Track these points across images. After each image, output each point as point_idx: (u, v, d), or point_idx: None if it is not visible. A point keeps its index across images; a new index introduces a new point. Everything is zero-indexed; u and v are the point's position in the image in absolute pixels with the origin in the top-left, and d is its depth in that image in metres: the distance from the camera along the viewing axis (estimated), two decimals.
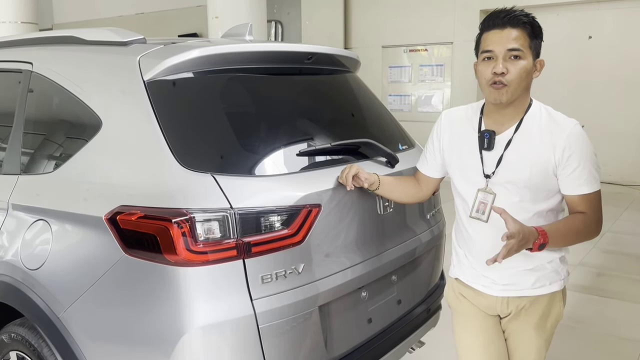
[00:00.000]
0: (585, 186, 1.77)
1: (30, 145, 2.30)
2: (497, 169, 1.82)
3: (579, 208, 1.80)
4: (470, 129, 1.91)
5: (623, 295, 4.29)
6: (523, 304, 1.89)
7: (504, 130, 1.83)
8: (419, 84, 9.83)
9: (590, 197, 1.79)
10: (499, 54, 1.74)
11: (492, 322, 1.96)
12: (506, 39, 1.73)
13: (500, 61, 1.73)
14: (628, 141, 8.14)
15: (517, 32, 1.73)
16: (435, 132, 2.03)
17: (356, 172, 2.02)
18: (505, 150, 1.81)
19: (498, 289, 1.89)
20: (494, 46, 1.75)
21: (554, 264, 1.88)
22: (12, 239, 2.13)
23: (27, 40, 2.58)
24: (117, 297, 1.82)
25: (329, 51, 2.46)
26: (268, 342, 1.80)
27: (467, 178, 1.90)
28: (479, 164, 1.86)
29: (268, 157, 2.02)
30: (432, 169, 2.09)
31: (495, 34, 1.76)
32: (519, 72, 1.73)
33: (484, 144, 1.85)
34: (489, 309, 1.95)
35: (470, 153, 1.89)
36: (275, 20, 11.44)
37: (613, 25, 8.17)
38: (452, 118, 2.00)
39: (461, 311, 2.03)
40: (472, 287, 1.96)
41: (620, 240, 5.65)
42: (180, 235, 1.69)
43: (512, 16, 1.74)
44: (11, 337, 2.12)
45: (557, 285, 1.90)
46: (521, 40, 1.73)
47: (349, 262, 2.08)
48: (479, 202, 1.85)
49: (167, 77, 1.94)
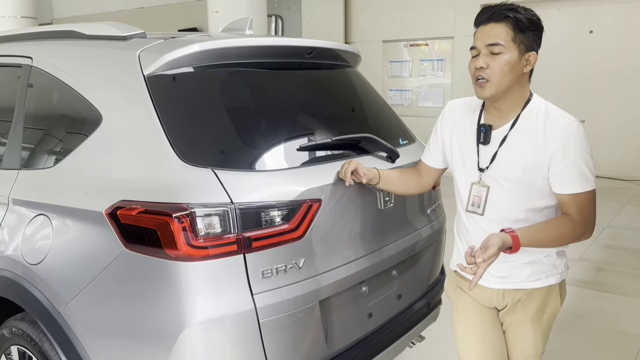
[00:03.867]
0: (575, 185, 1.73)
1: (30, 140, 2.30)
2: (490, 165, 1.82)
3: (568, 208, 1.76)
4: (470, 121, 1.91)
5: (623, 290, 4.30)
6: (519, 296, 1.89)
7: (501, 125, 1.83)
8: (420, 78, 9.82)
9: (580, 198, 1.74)
10: (480, 49, 1.76)
11: (490, 315, 1.97)
12: (487, 35, 1.74)
13: (481, 56, 1.75)
14: (628, 135, 8.13)
15: (500, 26, 1.73)
16: (439, 122, 2.03)
17: (355, 167, 2.02)
18: (500, 147, 1.81)
19: (494, 281, 1.89)
20: (476, 42, 1.78)
21: (551, 257, 1.87)
22: (13, 234, 2.13)
23: (26, 35, 2.57)
24: (117, 291, 1.82)
25: (330, 46, 2.46)
26: (268, 336, 1.80)
27: (464, 171, 1.91)
28: (475, 157, 1.86)
29: (268, 151, 2.01)
30: (434, 160, 2.08)
31: (481, 30, 1.77)
32: (500, 66, 1.72)
33: (480, 137, 1.85)
34: (486, 300, 1.95)
35: (468, 145, 1.89)
36: (275, 15, 11.41)
37: (614, 20, 8.14)
38: (455, 109, 2.00)
39: (459, 303, 2.04)
40: (470, 279, 1.95)
41: (620, 235, 5.65)
42: (180, 230, 1.69)
43: (495, 11, 1.74)
44: (12, 332, 2.12)
45: (553, 279, 1.89)
46: (502, 35, 1.72)
47: (350, 256, 2.08)
48: (474, 196, 1.86)
49: (167, 71, 1.93)
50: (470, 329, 2.00)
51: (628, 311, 3.92)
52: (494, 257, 1.64)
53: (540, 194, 1.80)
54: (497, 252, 1.64)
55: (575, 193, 1.74)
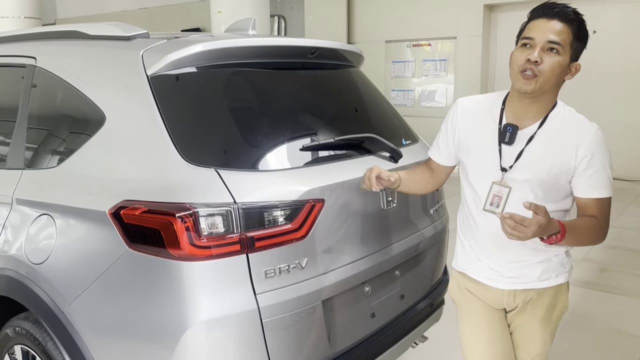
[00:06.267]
0: (602, 190, 1.76)
1: (34, 140, 2.31)
2: (515, 164, 1.79)
3: (590, 212, 1.78)
4: (489, 119, 1.87)
5: (626, 290, 4.29)
6: (530, 296, 1.89)
7: (526, 126, 1.80)
8: (422, 78, 9.81)
9: (603, 202, 1.78)
10: (538, 42, 1.70)
11: (498, 317, 1.96)
12: (550, 30, 1.69)
13: (537, 49, 1.69)
14: (632, 136, 8.10)
15: (563, 26, 1.69)
16: (450, 120, 1.98)
17: (378, 173, 1.98)
18: (527, 146, 1.78)
19: (505, 281, 1.88)
20: (535, 33, 1.71)
21: (560, 256, 1.88)
22: (17, 234, 2.14)
23: (30, 35, 2.58)
24: (121, 291, 1.82)
25: (333, 46, 2.46)
26: (271, 336, 1.80)
27: (481, 170, 1.87)
28: (496, 157, 1.82)
29: (271, 151, 2.02)
30: (445, 158, 2.04)
31: (541, 23, 1.71)
32: (553, 65, 1.69)
33: (505, 137, 1.81)
34: (495, 302, 1.94)
35: (488, 144, 1.85)
36: (278, 15, 11.42)
37: (618, 20, 8.12)
38: (468, 107, 1.95)
39: (466, 306, 2.02)
40: (478, 280, 1.94)
41: (623, 235, 5.64)
42: (183, 229, 1.69)
43: (562, 10, 1.71)
44: (16, 331, 2.13)
45: (562, 278, 1.90)
46: (564, 35, 1.69)
47: (352, 256, 2.08)
48: (493, 195, 1.81)
49: (171, 71, 1.94)
50: (477, 331, 1.97)
51: (631, 312, 3.91)
52: (543, 227, 1.59)
53: (558, 196, 1.80)
54: (549, 222, 1.60)
55: (600, 198, 1.76)
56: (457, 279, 2.06)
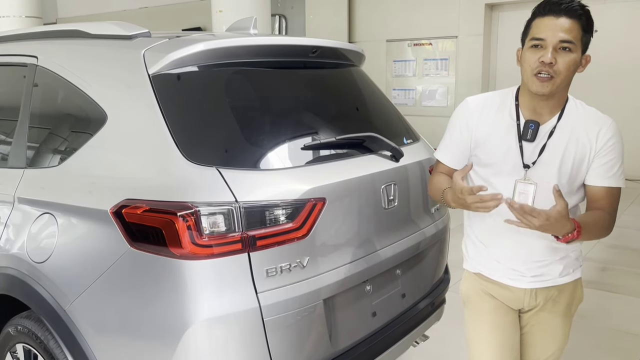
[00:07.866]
0: (615, 179, 1.77)
1: (35, 139, 2.31)
2: (538, 159, 1.76)
3: (601, 202, 1.77)
4: (506, 116, 1.82)
5: (627, 289, 4.29)
6: (551, 294, 1.89)
7: (545, 121, 1.78)
8: (424, 78, 9.80)
9: (614, 192, 1.78)
10: (550, 43, 1.67)
11: (513, 318, 1.94)
12: (560, 29, 1.66)
13: (550, 50, 1.66)
14: (633, 135, 8.09)
15: (572, 23, 1.67)
16: (465, 121, 1.89)
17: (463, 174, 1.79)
18: (549, 140, 1.77)
19: (527, 281, 1.87)
20: (546, 33, 1.67)
21: (575, 252, 1.91)
22: (18, 233, 2.14)
23: (32, 34, 2.58)
24: (122, 290, 1.83)
25: (334, 45, 2.46)
26: (273, 334, 1.80)
27: (498, 168, 1.82)
28: (517, 154, 1.79)
29: (273, 150, 2.02)
30: (460, 161, 1.93)
31: (550, 21, 1.68)
32: (568, 64, 1.68)
33: (527, 134, 1.77)
34: (515, 302, 1.91)
35: (505, 142, 1.81)
36: (279, 14, 11.41)
37: (619, 20, 8.11)
38: (480, 105, 1.89)
39: (479, 306, 1.97)
40: (498, 281, 1.91)
41: (625, 234, 5.63)
42: (185, 228, 1.69)
43: (569, 6, 1.68)
44: (17, 330, 2.14)
45: (579, 272, 1.93)
46: (574, 32, 1.67)
47: (354, 255, 2.08)
48: (519, 194, 1.72)
49: (172, 70, 1.94)
50: (489, 332, 1.93)
51: (632, 310, 3.91)
52: (560, 222, 1.57)
53: (572, 189, 1.80)
54: (550, 218, 1.57)
55: (613, 186, 1.77)
56: (470, 279, 2.00)
